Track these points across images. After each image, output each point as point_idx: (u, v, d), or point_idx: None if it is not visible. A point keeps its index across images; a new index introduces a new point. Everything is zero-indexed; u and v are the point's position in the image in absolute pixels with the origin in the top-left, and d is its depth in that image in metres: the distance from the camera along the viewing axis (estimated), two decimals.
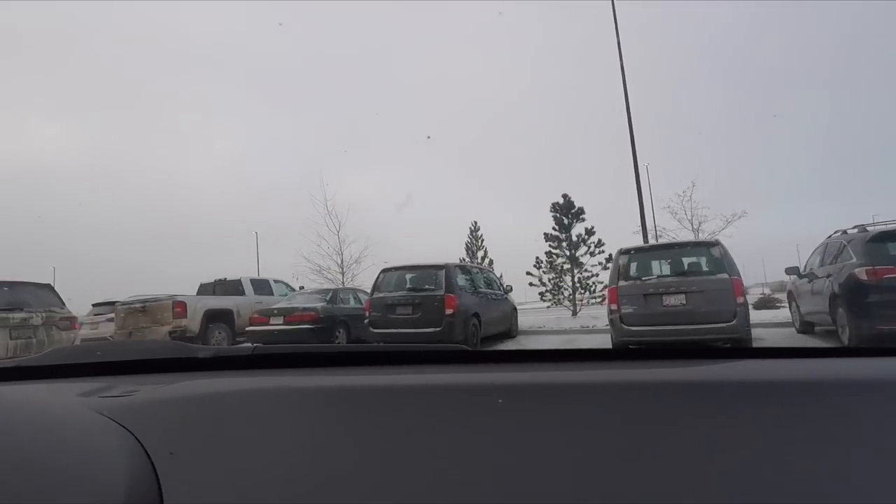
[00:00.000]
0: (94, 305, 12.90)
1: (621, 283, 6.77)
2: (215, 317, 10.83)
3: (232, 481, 0.44)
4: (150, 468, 0.44)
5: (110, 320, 12.05)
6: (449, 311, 8.59)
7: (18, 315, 7.01)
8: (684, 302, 6.24)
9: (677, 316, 6.23)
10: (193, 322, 10.33)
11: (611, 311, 6.87)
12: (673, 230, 17.46)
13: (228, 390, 0.60)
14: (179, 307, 10.23)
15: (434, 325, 8.53)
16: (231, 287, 12.17)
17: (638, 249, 7.45)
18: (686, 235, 16.26)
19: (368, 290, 12.37)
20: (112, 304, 12.62)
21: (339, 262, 17.63)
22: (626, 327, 6.54)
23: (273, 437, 0.50)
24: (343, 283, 16.95)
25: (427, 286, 9.05)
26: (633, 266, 7.06)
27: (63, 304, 8.05)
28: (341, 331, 10.57)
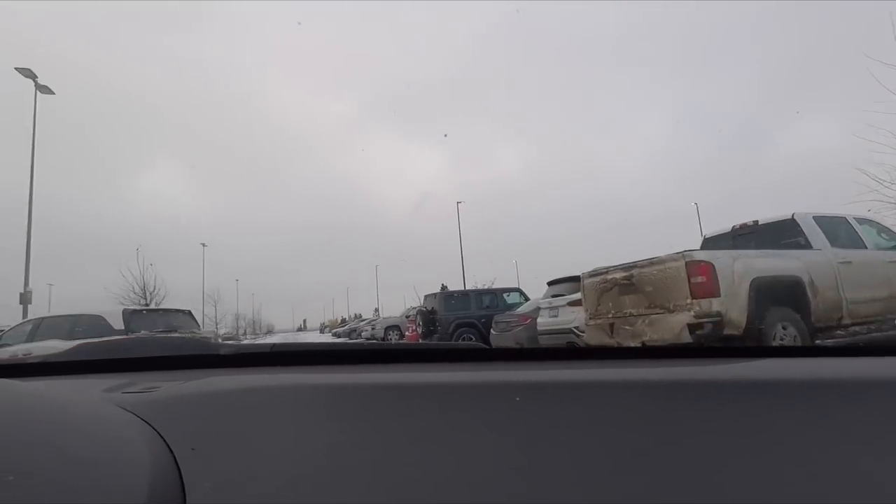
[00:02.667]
0: (549, 284, 9.51)
1: None
2: (770, 291, 5.01)
3: (253, 477, 0.43)
4: (173, 463, 0.44)
5: (576, 304, 8.17)
6: None
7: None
8: None
9: None
10: (735, 302, 4.81)
11: None
12: None
13: (249, 387, 0.60)
14: (702, 271, 4.89)
15: None
16: (775, 233, 6.09)
17: None
18: None
19: None
20: (572, 279, 8.84)
21: None
22: None
23: (293, 433, 0.50)
24: None
25: None
26: None
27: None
28: None
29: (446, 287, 16.52)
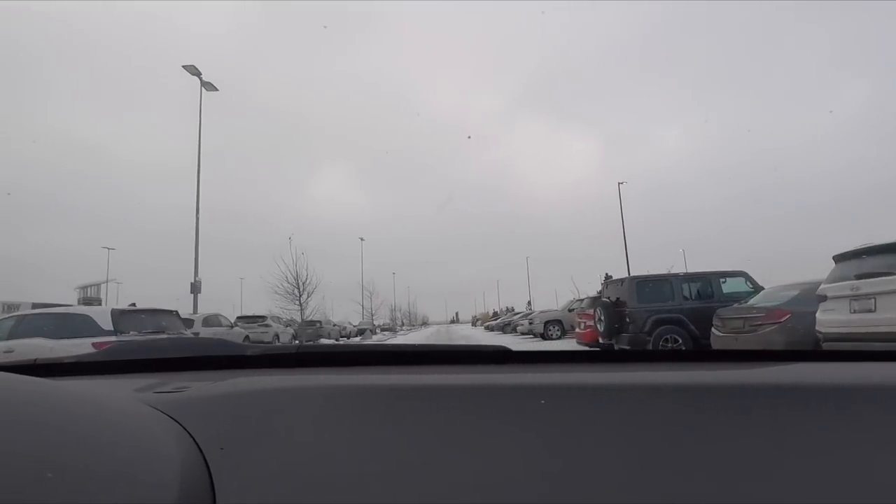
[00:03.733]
0: (837, 259, 5.86)
1: None
2: None
3: (280, 476, 0.44)
4: (202, 462, 0.45)
5: None
6: None
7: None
8: None
9: None
10: None
11: None
12: None
13: (276, 387, 0.60)
14: None
15: None
16: None
17: None
18: None
19: None
20: None
21: None
22: None
23: (320, 433, 0.51)
24: None
25: None
26: None
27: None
28: None
29: (610, 277, 13.06)
